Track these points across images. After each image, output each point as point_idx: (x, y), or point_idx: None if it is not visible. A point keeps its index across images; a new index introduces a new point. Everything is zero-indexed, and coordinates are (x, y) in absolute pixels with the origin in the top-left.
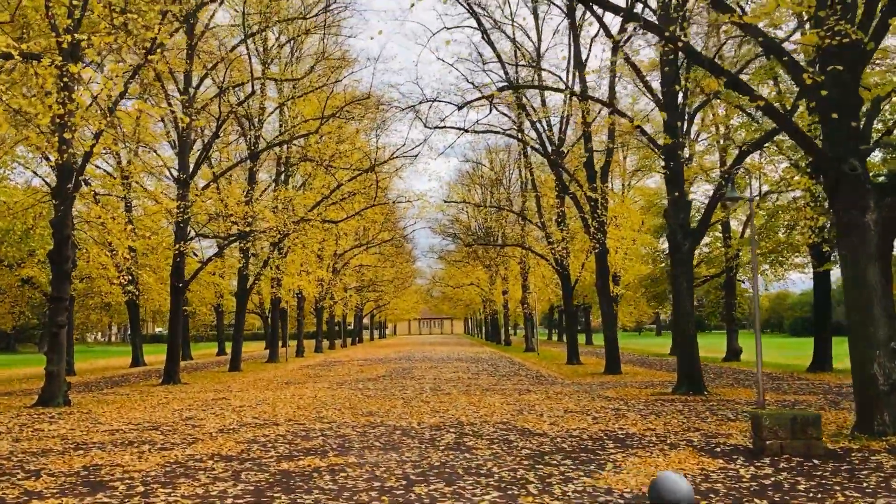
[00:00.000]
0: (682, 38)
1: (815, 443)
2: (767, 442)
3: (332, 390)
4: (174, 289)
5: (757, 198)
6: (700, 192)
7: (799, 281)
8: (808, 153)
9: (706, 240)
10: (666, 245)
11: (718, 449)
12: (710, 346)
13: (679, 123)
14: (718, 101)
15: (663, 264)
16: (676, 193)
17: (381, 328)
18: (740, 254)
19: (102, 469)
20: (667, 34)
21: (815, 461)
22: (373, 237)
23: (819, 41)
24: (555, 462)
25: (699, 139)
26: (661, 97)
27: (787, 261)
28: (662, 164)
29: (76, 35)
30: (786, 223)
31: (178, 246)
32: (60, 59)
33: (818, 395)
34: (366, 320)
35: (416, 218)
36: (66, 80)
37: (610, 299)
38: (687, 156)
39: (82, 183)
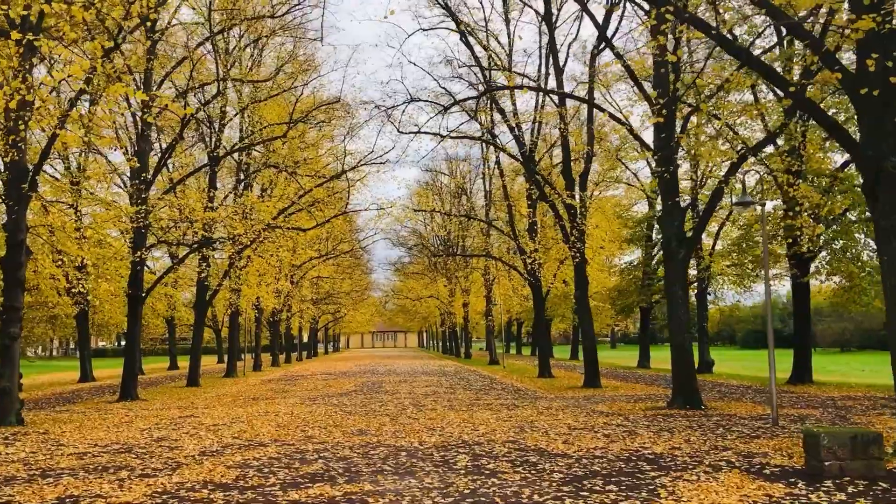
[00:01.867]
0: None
1: (877, 463)
2: (826, 463)
3: (307, 406)
4: (133, 299)
5: (765, 203)
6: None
7: (753, 294)
8: (847, 150)
9: None
10: (634, 257)
11: (767, 471)
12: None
13: (671, 129)
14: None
15: (630, 276)
16: (672, 201)
17: (335, 342)
18: (712, 266)
19: (81, 501)
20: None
21: (883, 484)
22: (333, 248)
23: (875, 26)
24: (598, 488)
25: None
26: (653, 101)
27: (754, 273)
28: (655, 169)
29: (52, 4)
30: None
31: (138, 253)
32: (31, 34)
33: (818, 408)
34: (318, 334)
35: (378, 228)
36: (32, 61)
37: (589, 310)
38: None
39: (38, 183)
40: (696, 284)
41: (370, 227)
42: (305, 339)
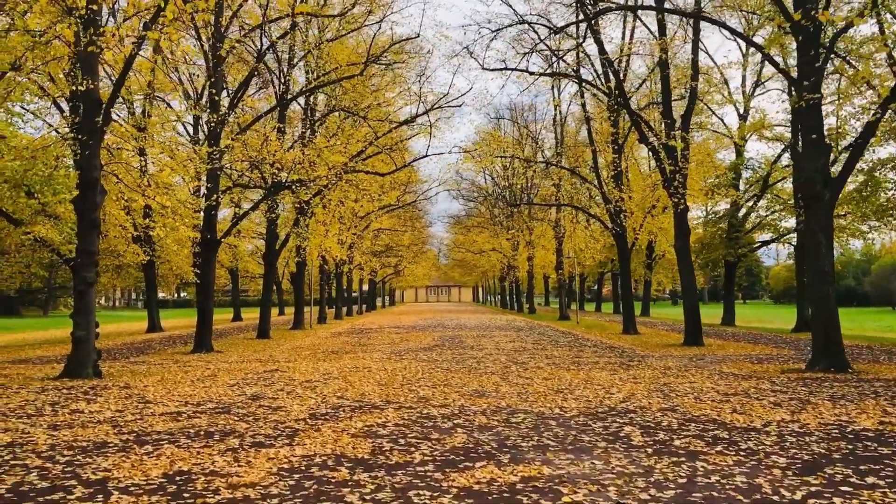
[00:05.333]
0: None
1: None
2: None
3: (397, 362)
4: (207, 244)
5: None
6: (751, 149)
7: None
8: None
9: (762, 202)
10: (717, 208)
11: None
12: (742, 315)
13: (816, 51)
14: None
15: (715, 228)
16: (816, 136)
17: (391, 295)
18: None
19: (196, 480)
20: None
21: None
22: (398, 198)
23: None
24: (855, 480)
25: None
26: (793, 16)
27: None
28: (799, 99)
29: None
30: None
31: (214, 197)
32: None
33: None
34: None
35: (442, 179)
36: None
37: (690, 263)
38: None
39: (111, 116)
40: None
41: (434, 177)
42: (364, 294)
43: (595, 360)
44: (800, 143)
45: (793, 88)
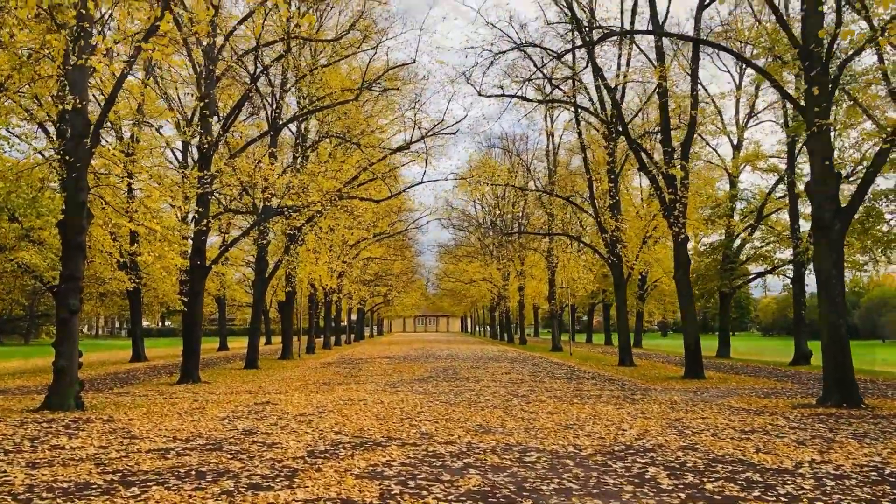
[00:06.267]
0: None
1: None
2: None
3: (392, 394)
4: (197, 270)
5: None
6: (748, 181)
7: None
8: None
9: (757, 234)
10: (710, 239)
11: None
12: (733, 348)
13: (825, 80)
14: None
15: (710, 259)
16: (825, 164)
17: (379, 325)
18: (811, 249)
19: None
20: None
21: None
22: (389, 226)
23: None
24: None
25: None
26: (800, 42)
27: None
28: (806, 129)
29: None
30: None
31: (204, 222)
32: None
33: None
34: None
35: (434, 208)
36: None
37: (691, 294)
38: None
39: (101, 139)
40: (791, 269)
41: (427, 206)
42: (352, 323)
43: (597, 393)
44: (794, 173)
45: (789, 119)
